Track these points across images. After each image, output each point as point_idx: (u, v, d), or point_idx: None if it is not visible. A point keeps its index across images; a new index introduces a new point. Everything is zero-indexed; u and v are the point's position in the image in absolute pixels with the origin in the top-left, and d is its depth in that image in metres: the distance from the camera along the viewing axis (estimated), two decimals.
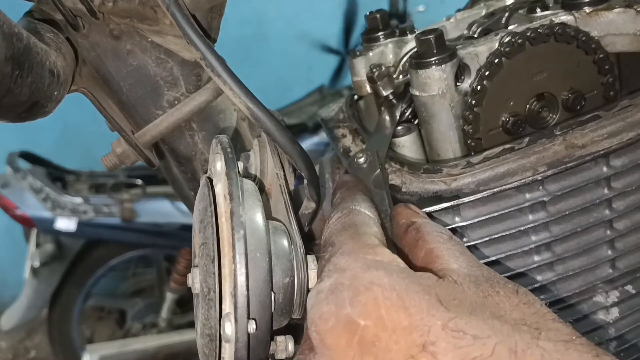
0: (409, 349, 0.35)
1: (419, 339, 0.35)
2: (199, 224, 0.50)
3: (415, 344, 0.35)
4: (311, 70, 3.86)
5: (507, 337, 0.34)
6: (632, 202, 0.55)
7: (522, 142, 0.54)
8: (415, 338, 0.35)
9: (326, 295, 0.39)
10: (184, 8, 0.52)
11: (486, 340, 0.34)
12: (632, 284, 0.58)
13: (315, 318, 0.38)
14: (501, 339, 0.34)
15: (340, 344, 0.37)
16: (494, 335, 0.34)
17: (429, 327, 0.35)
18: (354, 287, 0.38)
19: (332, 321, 0.37)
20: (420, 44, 0.55)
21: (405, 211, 0.50)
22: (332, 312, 0.38)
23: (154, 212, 2.84)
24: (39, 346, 3.57)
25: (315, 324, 0.38)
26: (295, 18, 3.86)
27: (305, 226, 0.55)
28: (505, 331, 0.35)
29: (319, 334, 0.38)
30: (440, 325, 0.35)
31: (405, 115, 0.62)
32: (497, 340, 0.34)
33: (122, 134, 0.64)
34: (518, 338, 0.34)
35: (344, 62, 3.60)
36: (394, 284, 0.38)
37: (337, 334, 0.37)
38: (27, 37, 0.45)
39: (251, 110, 0.49)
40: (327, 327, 0.37)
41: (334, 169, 0.66)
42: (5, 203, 2.68)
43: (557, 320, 0.37)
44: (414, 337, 0.35)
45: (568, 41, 0.56)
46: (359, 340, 0.36)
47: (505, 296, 0.39)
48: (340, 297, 0.38)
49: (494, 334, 0.34)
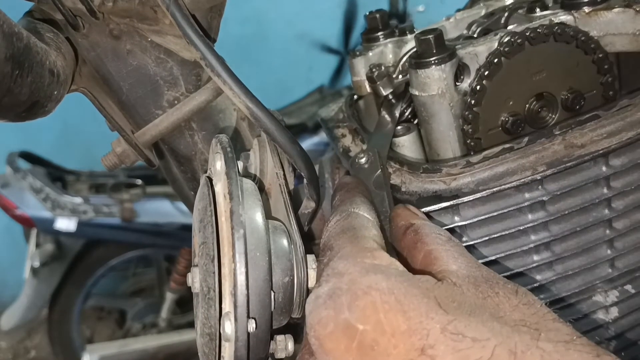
0: (408, 352, 0.35)
1: (417, 342, 0.35)
2: (198, 223, 0.50)
3: (414, 348, 0.35)
4: (311, 70, 3.86)
5: (507, 339, 0.34)
6: (632, 201, 0.56)
7: (522, 142, 0.54)
8: (414, 342, 0.35)
9: (324, 300, 0.39)
10: (184, 8, 0.52)
11: (485, 342, 0.34)
12: (631, 283, 0.58)
13: (314, 323, 0.38)
14: (500, 340, 0.34)
15: (339, 349, 0.37)
16: (493, 337, 0.34)
17: (428, 331, 0.35)
18: (352, 291, 0.38)
19: (330, 326, 0.37)
20: (419, 43, 0.55)
21: (404, 212, 0.50)
22: (331, 317, 0.38)
23: (154, 212, 2.84)
24: (39, 346, 3.57)
25: (314, 329, 0.38)
26: (295, 18, 3.86)
27: (305, 226, 0.55)
28: (504, 333, 0.35)
29: (317, 339, 0.38)
30: (439, 328, 0.35)
31: (405, 115, 0.62)
32: (497, 342, 0.34)
33: (122, 133, 0.64)
34: (518, 339, 0.34)
35: (344, 62, 3.60)
36: (392, 287, 0.38)
37: (336, 339, 0.37)
38: (27, 36, 0.45)
39: (251, 110, 0.49)
40: (326, 332, 0.37)
41: (334, 168, 0.67)
42: (5, 203, 2.68)
43: (557, 320, 0.37)
44: (413, 340, 0.35)
45: (567, 41, 0.56)
46: (357, 345, 0.36)
47: (505, 297, 0.39)
48: (338, 301, 0.38)
49: (494, 336, 0.34)
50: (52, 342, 3.03)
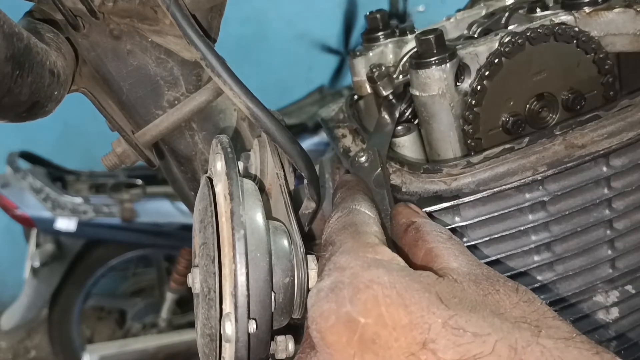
0: (409, 346, 0.35)
1: (419, 336, 0.35)
2: (199, 223, 0.50)
3: (416, 342, 0.35)
4: (311, 70, 3.86)
5: (507, 335, 0.34)
6: (632, 202, 0.56)
7: (522, 142, 0.54)
8: (415, 335, 0.35)
9: (326, 293, 0.39)
10: (184, 8, 0.52)
11: (486, 337, 0.34)
12: (632, 283, 0.58)
13: (316, 316, 0.39)
14: (501, 336, 0.34)
15: (340, 342, 0.37)
16: (494, 333, 0.34)
17: (429, 325, 0.35)
18: (354, 285, 0.38)
19: (332, 319, 0.37)
20: (420, 44, 0.55)
21: (405, 210, 0.50)
22: (333, 310, 0.38)
23: (154, 212, 2.85)
24: (39, 346, 3.57)
25: (315, 322, 0.38)
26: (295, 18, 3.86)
27: (306, 226, 0.55)
28: (505, 329, 0.35)
29: (319, 332, 0.38)
30: (440, 322, 0.35)
31: (405, 115, 0.62)
32: (497, 338, 0.34)
33: (122, 133, 0.64)
34: (518, 335, 0.34)
35: (344, 62, 3.60)
36: (394, 281, 0.38)
37: (338, 332, 0.37)
38: (27, 37, 0.45)
39: (251, 110, 0.49)
40: (328, 325, 0.38)
41: (334, 168, 0.67)
42: (5, 203, 2.68)
43: (557, 318, 0.37)
44: (414, 334, 0.35)
45: (568, 41, 0.56)
46: (359, 338, 0.36)
47: (505, 294, 0.39)
48: (340, 295, 0.38)
49: (494, 332, 0.35)
50: (52, 342, 3.03)
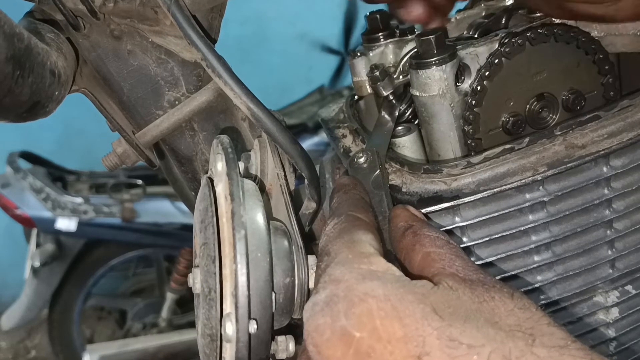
0: (404, 359, 0.35)
1: (414, 349, 0.35)
2: (199, 224, 0.50)
3: (411, 355, 0.35)
4: (311, 70, 3.86)
5: (501, 345, 0.35)
6: (632, 202, 0.56)
7: (522, 142, 0.54)
8: (410, 348, 0.35)
9: (321, 307, 0.39)
10: (185, 9, 0.52)
11: (480, 349, 0.35)
12: (632, 284, 0.58)
13: (311, 330, 0.39)
14: (495, 347, 0.35)
15: (336, 356, 0.37)
16: (488, 344, 0.35)
17: (424, 338, 0.36)
18: (348, 298, 0.38)
19: (327, 333, 0.38)
20: (420, 44, 0.55)
21: (404, 213, 0.50)
22: (328, 324, 0.38)
23: (154, 212, 2.85)
24: (39, 346, 3.57)
25: (311, 336, 0.39)
26: (295, 18, 3.86)
27: (306, 226, 0.55)
28: (499, 339, 0.35)
29: (315, 346, 0.38)
30: (435, 335, 0.36)
31: (406, 116, 0.62)
32: (491, 349, 0.35)
33: (122, 134, 0.64)
34: (512, 345, 0.35)
35: (344, 62, 3.60)
36: (388, 294, 0.38)
37: (333, 346, 0.37)
38: (28, 37, 0.45)
39: (252, 110, 0.49)
40: (323, 339, 0.38)
41: (334, 169, 0.66)
42: (5, 203, 2.68)
43: (552, 325, 0.37)
44: (409, 347, 0.36)
45: (568, 41, 0.56)
46: (354, 352, 0.37)
47: (501, 301, 0.39)
48: (335, 309, 0.38)
49: (488, 342, 0.35)
50: (52, 342, 3.03)
